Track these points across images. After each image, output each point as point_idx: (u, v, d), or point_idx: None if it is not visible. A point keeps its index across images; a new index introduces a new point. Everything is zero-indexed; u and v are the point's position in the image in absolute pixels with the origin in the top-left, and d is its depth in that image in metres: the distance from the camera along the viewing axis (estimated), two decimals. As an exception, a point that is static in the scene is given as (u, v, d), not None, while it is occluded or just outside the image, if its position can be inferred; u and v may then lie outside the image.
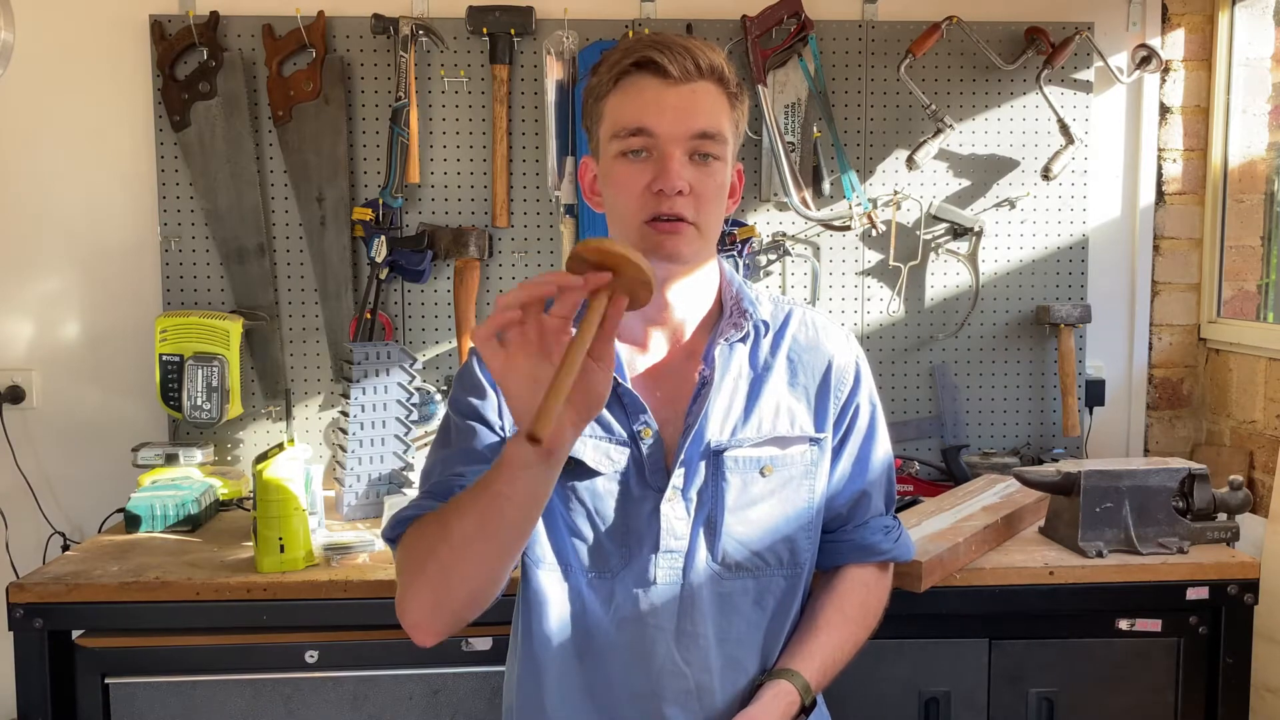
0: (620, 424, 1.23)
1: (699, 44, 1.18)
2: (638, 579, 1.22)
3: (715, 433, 1.23)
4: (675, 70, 1.15)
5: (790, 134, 2.36)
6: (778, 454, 1.25)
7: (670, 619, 1.22)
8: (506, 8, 2.30)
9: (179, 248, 2.33)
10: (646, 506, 1.22)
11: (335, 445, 2.19)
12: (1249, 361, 2.33)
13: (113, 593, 1.70)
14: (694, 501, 1.23)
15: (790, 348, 1.29)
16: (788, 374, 1.28)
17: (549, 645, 1.25)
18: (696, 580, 1.23)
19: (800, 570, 1.29)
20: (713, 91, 1.18)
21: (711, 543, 1.23)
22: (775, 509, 1.26)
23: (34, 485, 2.32)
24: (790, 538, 1.27)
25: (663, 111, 1.15)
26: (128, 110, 2.32)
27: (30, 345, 2.35)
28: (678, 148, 1.16)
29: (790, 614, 1.29)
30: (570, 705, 1.24)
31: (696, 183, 1.17)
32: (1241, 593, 1.76)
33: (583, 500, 1.23)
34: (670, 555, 1.22)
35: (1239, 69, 2.42)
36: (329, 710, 1.73)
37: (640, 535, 1.22)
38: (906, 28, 2.36)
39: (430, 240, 2.31)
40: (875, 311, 2.43)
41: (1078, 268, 2.44)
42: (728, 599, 1.24)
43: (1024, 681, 1.79)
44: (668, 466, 1.22)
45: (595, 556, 1.23)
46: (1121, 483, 1.81)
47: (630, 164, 1.17)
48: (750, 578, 1.25)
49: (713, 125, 1.17)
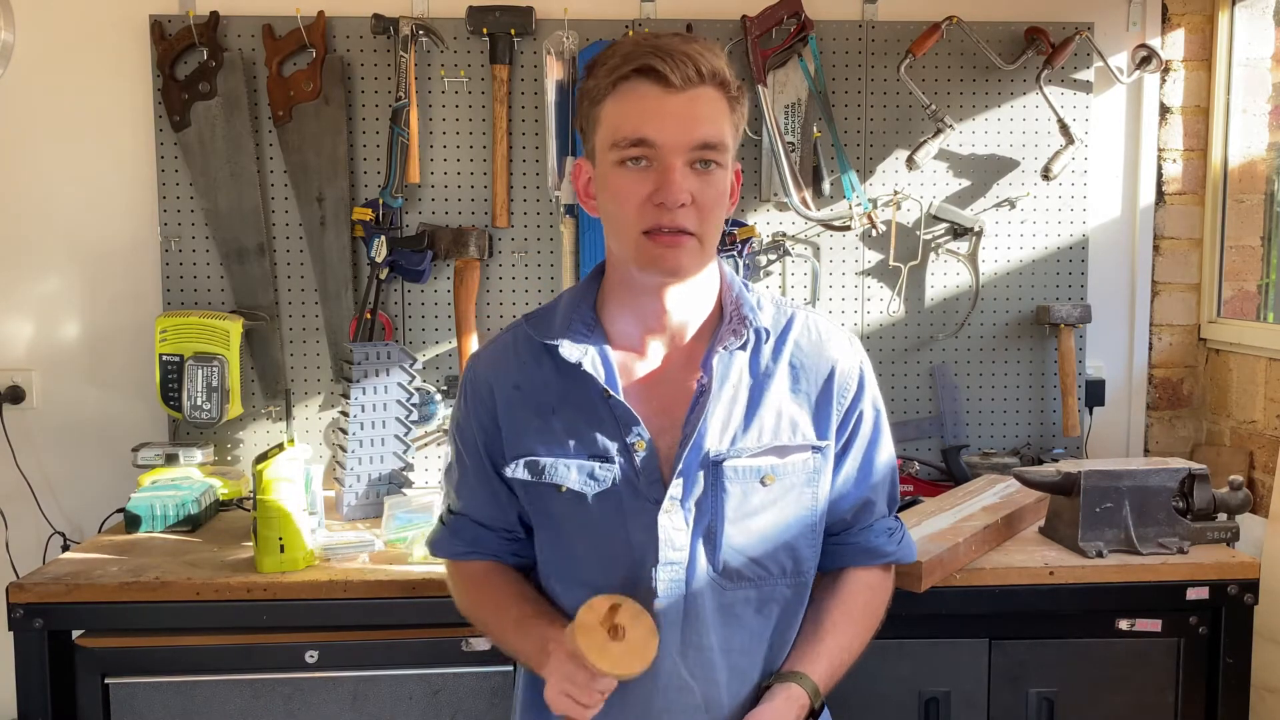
0: (611, 437, 1.21)
1: (699, 48, 1.15)
2: (642, 593, 1.20)
3: (714, 442, 1.21)
4: (676, 78, 1.13)
5: (790, 134, 2.36)
6: (779, 463, 1.24)
7: (674, 632, 1.21)
8: (506, 8, 2.30)
9: (179, 248, 2.33)
10: (643, 519, 1.21)
11: (335, 445, 2.19)
12: (1249, 361, 2.33)
13: (113, 593, 1.70)
14: (693, 512, 1.21)
15: (793, 354, 1.26)
16: (789, 381, 1.26)
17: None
18: (698, 592, 1.21)
19: (803, 579, 1.28)
20: (713, 97, 1.16)
21: (711, 553, 1.22)
22: (777, 518, 1.24)
23: (34, 485, 2.32)
24: (792, 546, 1.26)
25: (664, 121, 1.13)
26: (128, 110, 2.31)
27: (30, 345, 2.35)
28: (679, 158, 1.14)
29: (794, 622, 1.28)
30: None
31: (698, 192, 1.15)
32: (1241, 593, 1.76)
33: (582, 519, 1.23)
34: (671, 567, 1.20)
35: (1239, 69, 2.41)
36: (329, 710, 1.73)
37: (640, 548, 1.21)
38: (906, 28, 2.36)
39: (430, 240, 2.31)
40: (875, 311, 2.43)
41: (1078, 268, 2.44)
42: (730, 609, 1.23)
43: (1024, 681, 1.79)
44: (664, 477, 1.21)
45: (601, 573, 1.22)
46: (1121, 483, 1.81)
47: (629, 173, 1.15)
48: (752, 587, 1.24)
49: (714, 134, 1.15)
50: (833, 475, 1.29)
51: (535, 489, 1.25)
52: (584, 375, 1.21)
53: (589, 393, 1.22)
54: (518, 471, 1.25)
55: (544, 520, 1.27)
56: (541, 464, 1.23)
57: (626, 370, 1.24)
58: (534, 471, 1.24)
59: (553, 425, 1.23)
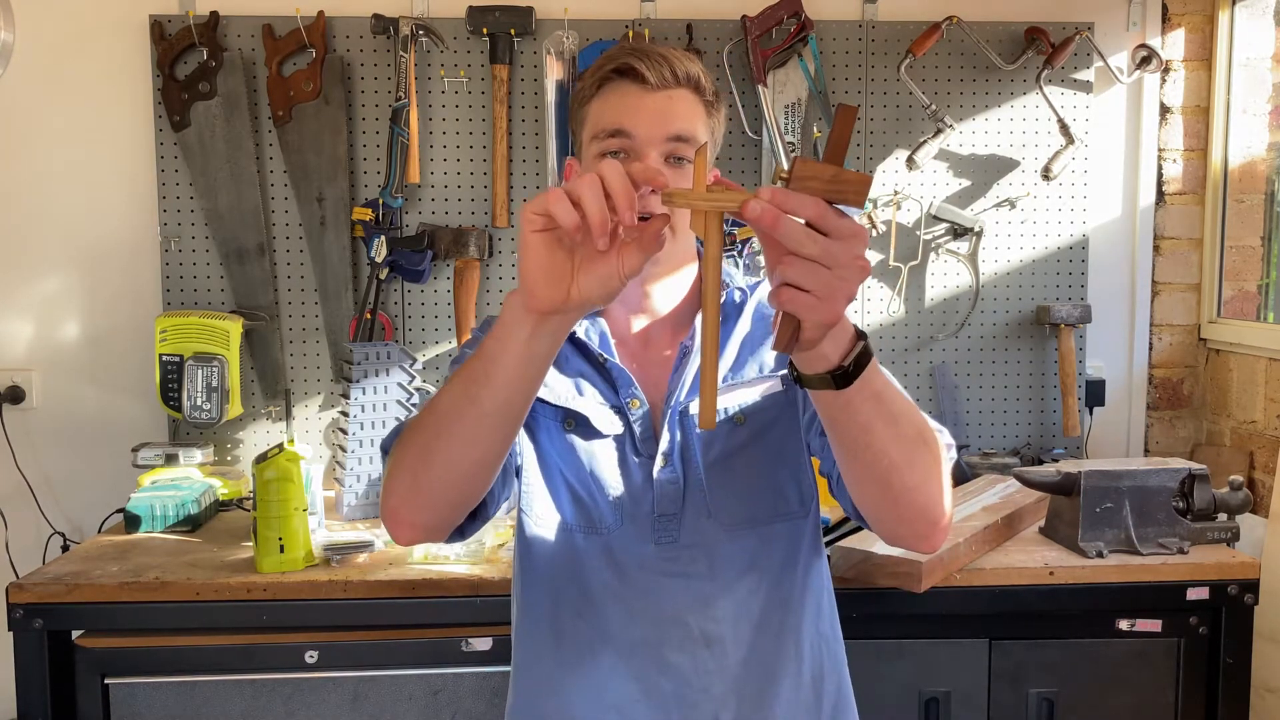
0: (607, 398, 1.26)
1: (677, 54, 1.23)
2: (633, 538, 1.24)
3: (685, 393, 1.25)
4: (653, 77, 1.21)
5: (790, 134, 2.36)
6: (748, 400, 1.26)
7: (670, 577, 1.23)
8: (506, 8, 2.30)
9: (179, 248, 2.33)
10: (641, 474, 1.24)
11: (335, 445, 2.19)
12: (1249, 362, 2.33)
13: (113, 593, 1.70)
14: (680, 464, 1.24)
15: (758, 305, 1.31)
16: (754, 327, 1.30)
17: (543, 597, 1.26)
18: (693, 540, 1.24)
19: (802, 513, 1.27)
20: (689, 99, 1.23)
21: (701, 501, 1.24)
22: (759, 456, 1.26)
23: (34, 485, 2.32)
24: (778, 482, 1.26)
25: (639, 115, 1.21)
26: (128, 110, 2.32)
27: (30, 345, 2.35)
28: (654, 149, 1.20)
29: (799, 560, 1.28)
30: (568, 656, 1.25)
31: (672, 183, 1.18)
32: (1241, 593, 1.76)
33: (580, 461, 1.25)
34: (664, 519, 1.23)
35: (1239, 69, 2.42)
36: (329, 710, 1.73)
37: (635, 499, 1.24)
38: (906, 28, 2.36)
39: (430, 240, 2.31)
40: (875, 311, 2.43)
41: (1078, 268, 2.44)
42: (728, 554, 1.24)
43: (1024, 681, 1.79)
44: (656, 434, 1.25)
45: (594, 516, 1.25)
46: (1122, 483, 1.81)
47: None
48: (748, 528, 1.25)
49: (687, 129, 1.21)
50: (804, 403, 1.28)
51: (539, 417, 1.26)
52: (580, 343, 1.27)
53: (586, 357, 1.28)
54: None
55: (536, 452, 1.27)
56: (561, 392, 1.26)
57: (623, 341, 1.29)
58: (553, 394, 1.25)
59: (567, 371, 1.28)
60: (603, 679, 1.23)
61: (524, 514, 1.28)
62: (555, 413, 1.26)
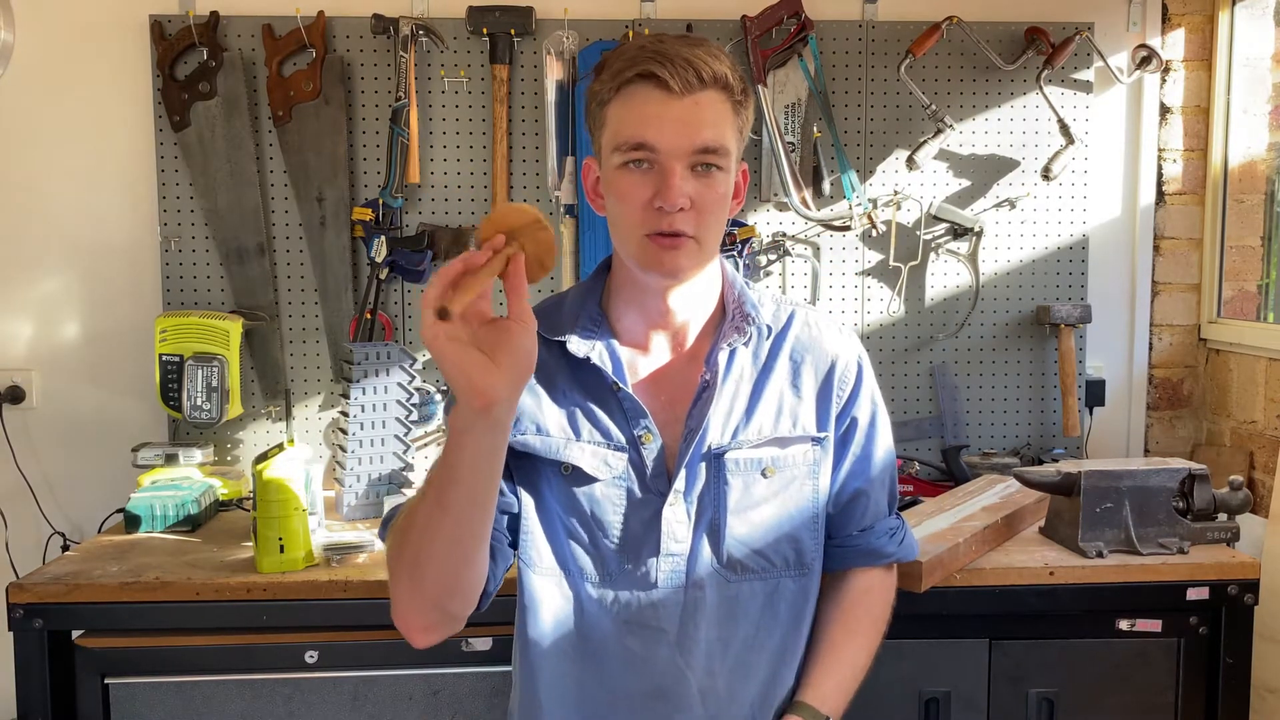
0: (620, 429, 1.23)
1: (703, 52, 1.15)
2: (639, 583, 1.22)
3: (716, 435, 1.23)
4: (676, 85, 1.13)
5: (790, 134, 2.36)
6: (779, 454, 1.26)
7: (672, 623, 1.22)
8: (506, 8, 2.30)
9: (179, 248, 2.33)
10: (648, 511, 1.22)
11: (335, 445, 2.19)
12: (1249, 362, 2.33)
13: (113, 593, 1.69)
14: (695, 505, 1.23)
15: (793, 348, 1.29)
16: (789, 374, 1.28)
17: (544, 648, 1.25)
18: (700, 584, 1.23)
19: (808, 571, 1.29)
20: (716, 101, 1.16)
21: (715, 545, 1.23)
22: (778, 509, 1.26)
23: (34, 485, 2.32)
24: (795, 538, 1.27)
25: (664, 126, 1.14)
26: (128, 110, 2.31)
27: (30, 345, 2.35)
28: (679, 162, 1.15)
29: (804, 617, 1.29)
30: (566, 707, 1.24)
31: (698, 195, 1.16)
32: (1241, 593, 1.76)
33: (581, 506, 1.23)
34: (671, 559, 1.22)
35: (1239, 69, 2.42)
36: (329, 710, 1.73)
37: (641, 540, 1.22)
38: (906, 28, 2.36)
39: (430, 240, 2.31)
40: (875, 311, 2.43)
41: (1078, 268, 2.44)
42: (734, 602, 1.24)
43: (1024, 681, 1.79)
44: (669, 470, 1.23)
45: (595, 562, 1.23)
46: (1122, 483, 1.81)
47: (632, 175, 1.17)
48: (757, 579, 1.25)
49: (715, 139, 1.15)
50: (833, 468, 1.31)
51: (538, 463, 1.24)
52: (592, 368, 1.23)
53: (598, 385, 1.24)
54: (528, 436, 1.23)
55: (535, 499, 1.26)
56: (553, 440, 1.23)
57: (632, 366, 1.25)
58: (545, 444, 1.23)
59: (564, 406, 1.24)
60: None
61: (523, 564, 1.26)
62: (549, 464, 1.24)
